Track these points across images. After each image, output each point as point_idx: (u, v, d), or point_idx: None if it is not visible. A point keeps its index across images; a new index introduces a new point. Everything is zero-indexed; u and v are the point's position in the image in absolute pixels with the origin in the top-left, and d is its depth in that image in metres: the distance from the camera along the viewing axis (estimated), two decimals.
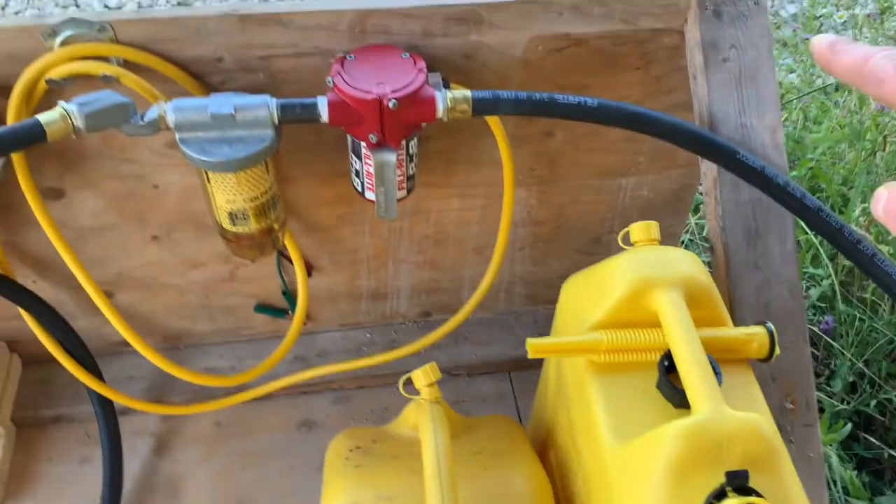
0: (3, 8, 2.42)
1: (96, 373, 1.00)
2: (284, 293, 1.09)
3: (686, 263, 0.72)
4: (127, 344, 1.12)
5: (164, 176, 0.91)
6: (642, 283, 0.70)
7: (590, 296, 0.75)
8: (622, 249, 0.81)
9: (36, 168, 0.85)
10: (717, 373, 0.66)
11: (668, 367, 0.69)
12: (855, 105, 1.53)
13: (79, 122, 0.69)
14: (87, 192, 0.91)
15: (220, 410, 1.10)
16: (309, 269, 1.07)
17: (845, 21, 2.24)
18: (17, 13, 2.40)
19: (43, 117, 0.68)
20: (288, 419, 1.11)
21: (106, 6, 2.43)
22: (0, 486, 1.02)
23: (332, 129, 0.86)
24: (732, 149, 0.79)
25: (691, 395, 0.63)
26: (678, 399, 0.69)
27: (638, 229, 0.75)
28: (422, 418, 0.74)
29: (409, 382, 0.79)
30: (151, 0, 2.44)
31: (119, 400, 1.01)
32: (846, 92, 1.60)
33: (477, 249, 1.08)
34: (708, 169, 0.84)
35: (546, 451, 0.88)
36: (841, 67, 0.36)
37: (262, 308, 1.11)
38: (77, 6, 2.42)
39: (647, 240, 0.75)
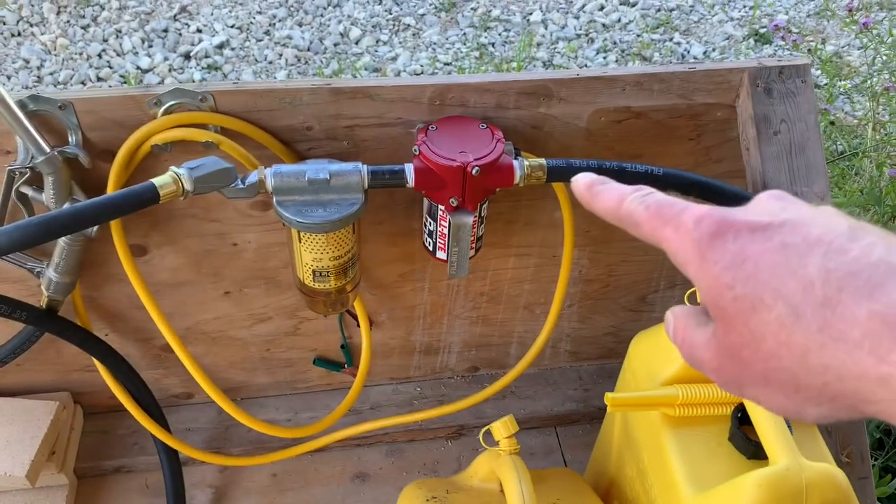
0: (38, 69, 2.50)
1: (163, 423, 1.03)
2: (343, 347, 1.13)
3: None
4: (186, 396, 1.16)
5: (243, 235, 0.96)
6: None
7: (661, 352, 0.80)
8: (666, 308, 0.86)
9: (125, 226, 0.90)
10: (788, 425, 0.71)
11: (740, 420, 0.74)
12: (874, 171, 1.61)
13: (188, 185, 0.75)
14: (169, 249, 0.95)
15: (277, 462, 1.13)
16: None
17: (847, 92, 2.34)
18: (52, 73, 2.48)
19: (157, 181, 0.73)
20: (342, 471, 1.14)
21: (138, 67, 2.51)
22: None
23: (402, 190, 0.92)
24: None
25: (769, 446, 0.67)
26: (751, 450, 0.73)
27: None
28: (504, 468, 0.77)
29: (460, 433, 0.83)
30: (182, 63, 2.53)
31: (183, 450, 1.04)
32: (864, 159, 1.68)
33: (527, 306, 1.13)
34: None
35: (610, 502, 0.92)
36: (601, 211, 0.37)
37: (321, 361, 1.15)
38: (110, 68, 2.51)
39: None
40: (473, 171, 0.80)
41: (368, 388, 1.20)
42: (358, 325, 1.08)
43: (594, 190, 0.38)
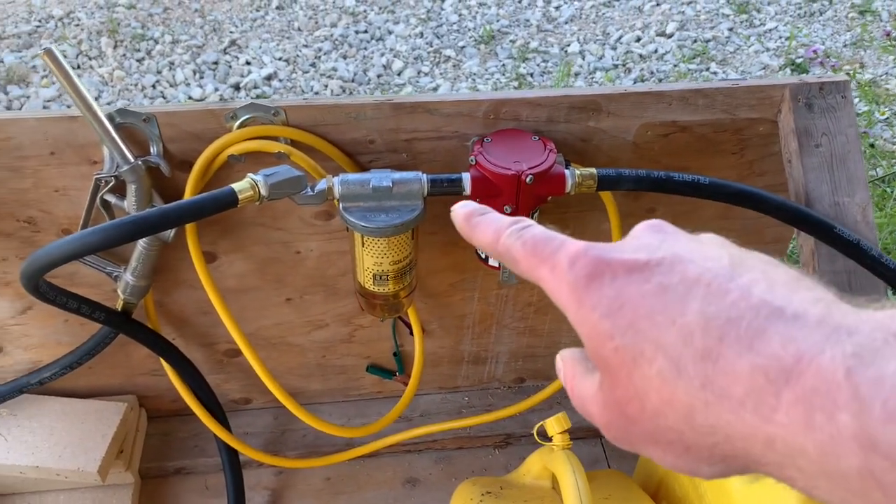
0: (96, 99, 2.62)
1: (226, 426, 1.08)
2: (395, 355, 1.17)
3: None
4: (244, 401, 1.20)
5: (306, 243, 1.01)
6: None
7: None
8: None
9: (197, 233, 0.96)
10: None
11: None
12: None
13: (263, 191, 0.80)
14: (237, 256, 1.01)
15: (330, 467, 1.17)
16: (413, 331, 1.15)
17: (888, 118, 2.36)
18: (109, 103, 2.59)
19: (236, 186, 0.79)
20: (393, 476, 1.17)
21: (190, 97, 2.62)
22: None
23: (457, 201, 0.97)
24: (830, 224, 0.88)
25: None
26: None
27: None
28: (558, 463, 0.81)
29: (507, 442, 0.86)
30: (232, 94, 2.63)
31: (245, 451, 1.08)
32: None
33: None
34: (805, 242, 0.92)
35: (659, 502, 0.94)
36: (480, 245, 0.35)
37: (374, 369, 1.19)
38: (164, 98, 2.62)
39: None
40: (527, 180, 0.85)
41: (418, 397, 1.24)
42: (411, 334, 1.12)
43: (472, 221, 0.35)
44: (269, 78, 2.72)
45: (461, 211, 0.36)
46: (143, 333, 0.99)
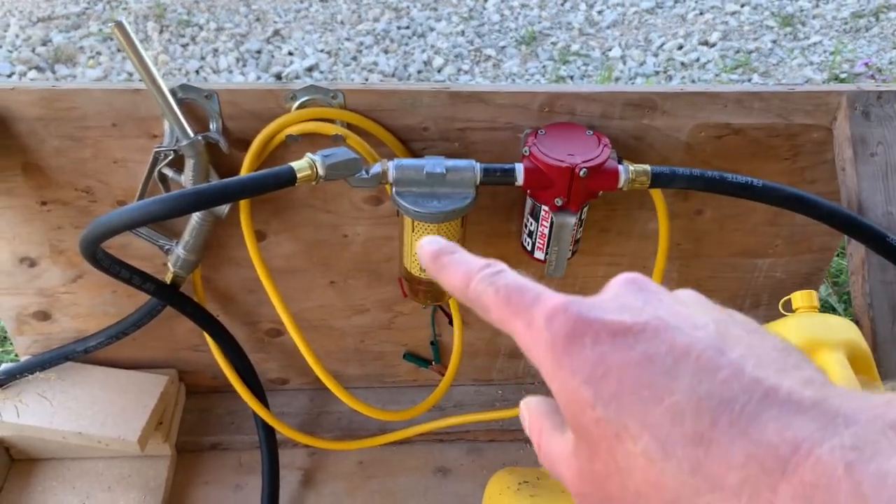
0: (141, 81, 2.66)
1: (265, 404, 1.09)
2: (433, 343, 1.18)
3: (848, 329, 0.79)
4: (281, 382, 1.22)
5: (354, 227, 1.02)
6: (811, 344, 0.77)
7: None
8: None
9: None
10: None
11: None
12: None
13: (321, 171, 0.81)
14: (286, 237, 1.02)
15: (363, 451, 1.18)
16: (452, 321, 1.16)
17: None
18: None
19: (295, 164, 0.80)
20: (424, 464, 1.18)
21: None
22: None
23: (504, 193, 0.98)
24: (882, 233, 0.87)
25: None
26: None
27: (801, 297, 0.83)
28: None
29: None
30: (274, 83, 2.66)
31: (282, 430, 1.10)
32: None
33: None
34: (855, 250, 0.92)
35: None
36: (448, 286, 0.32)
37: (410, 356, 1.20)
38: None
39: (809, 307, 0.83)
40: (581, 173, 0.85)
41: (452, 388, 1.24)
42: (450, 324, 1.13)
43: (440, 262, 0.32)
44: (310, 69, 2.74)
45: (429, 248, 0.33)
46: (190, 307, 1.00)
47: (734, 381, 0.23)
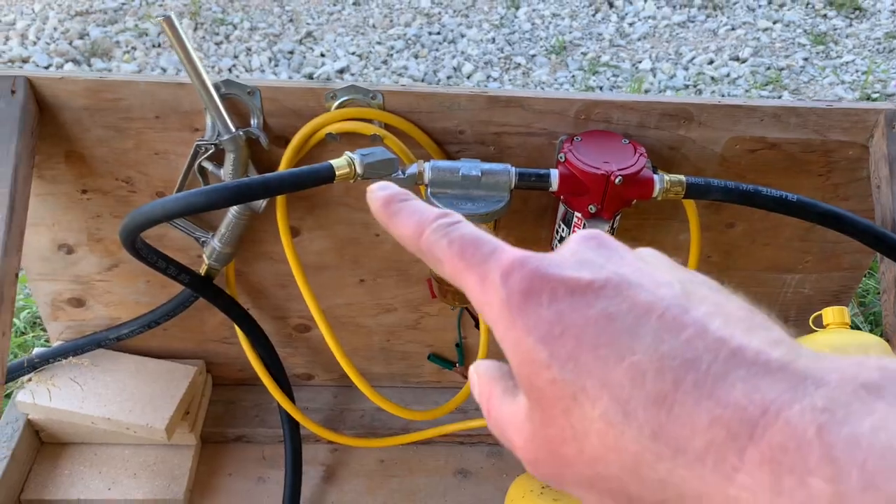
0: None
1: (291, 398, 1.10)
2: (458, 346, 1.19)
3: (879, 346, 0.79)
4: (307, 377, 1.23)
5: None
6: None
7: None
8: None
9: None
10: None
11: None
12: None
13: (359, 169, 0.82)
14: (319, 234, 1.04)
15: (385, 449, 1.19)
16: (478, 324, 1.17)
17: None
18: None
19: (334, 162, 0.81)
20: (445, 465, 1.19)
21: None
22: (184, 493, 1.11)
23: (536, 199, 0.98)
24: None
25: None
26: None
27: (832, 313, 0.83)
28: None
29: None
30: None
31: (307, 425, 1.11)
32: None
33: None
34: (888, 269, 0.92)
35: None
36: (399, 236, 0.30)
37: (435, 358, 1.21)
38: None
39: (841, 323, 0.83)
40: (616, 181, 0.86)
41: None
42: (476, 327, 1.14)
43: (391, 208, 0.30)
44: (341, 71, 2.77)
45: (380, 194, 0.30)
46: (222, 300, 1.02)
47: (698, 340, 0.22)
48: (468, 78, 2.76)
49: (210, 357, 1.20)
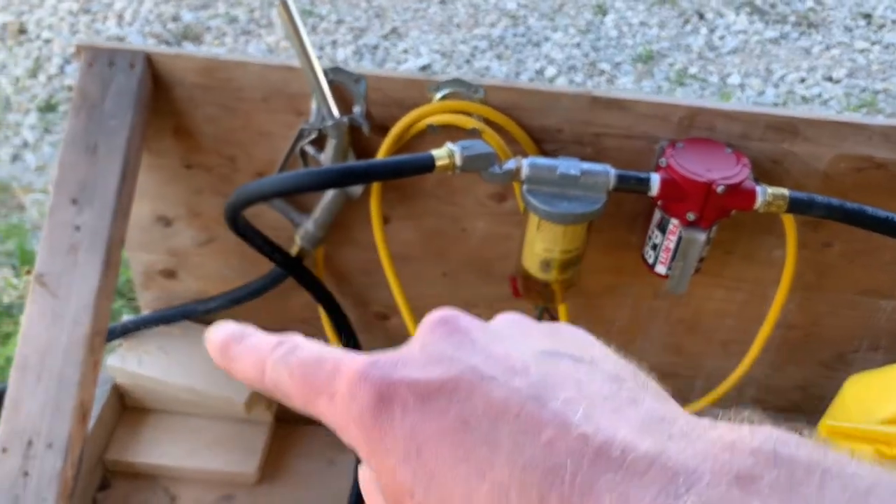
0: None
1: None
2: None
3: None
4: None
5: (474, 221, 1.04)
6: None
7: (880, 392, 0.80)
8: (862, 369, 0.88)
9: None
10: None
11: None
12: None
13: (458, 161, 0.83)
14: (408, 224, 1.05)
15: None
16: None
17: None
18: None
19: (435, 152, 0.82)
20: None
21: None
22: (257, 468, 1.14)
23: (629, 203, 0.97)
24: None
25: None
26: None
27: None
28: None
29: None
30: None
31: None
32: None
33: (724, 343, 1.14)
34: None
35: None
36: (243, 381, 0.27)
37: None
38: None
39: None
40: (719, 189, 0.84)
41: None
42: None
43: (229, 354, 0.27)
44: (423, 68, 2.79)
45: (215, 338, 0.27)
46: (311, 281, 1.04)
47: (559, 441, 0.20)
48: (550, 82, 2.74)
49: None
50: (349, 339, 1.10)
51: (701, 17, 3.12)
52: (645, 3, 3.16)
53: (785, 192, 0.85)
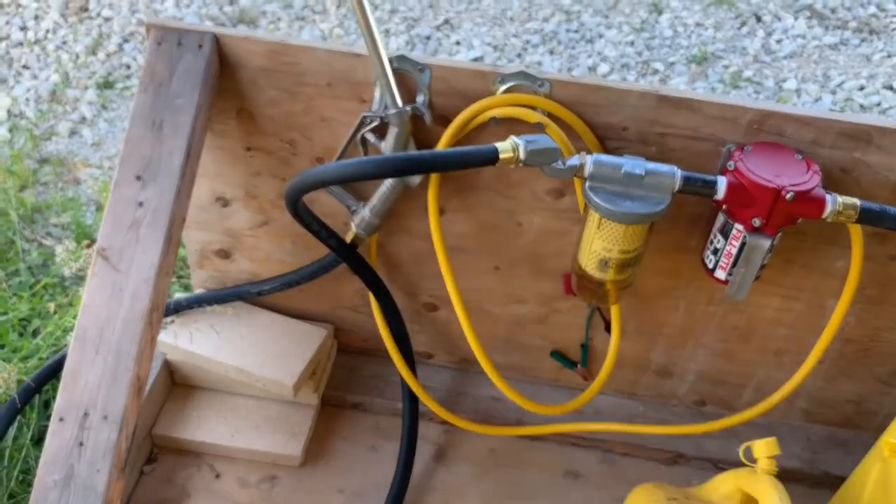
0: None
1: (414, 373, 1.12)
2: (583, 346, 1.17)
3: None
4: (427, 356, 1.25)
5: (530, 216, 1.03)
6: None
7: None
8: None
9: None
10: None
11: None
12: None
13: (522, 155, 0.82)
14: (463, 216, 1.04)
15: (498, 438, 1.19)
16: (608, 327, 1.14)
17: None
18: None
19: (499, 145, 0.82)
20: (555, 464, 1.18)
21: None
22: (301, 451, 1.15)
23: (690, 205, 0.96)
24: None
25: None
26: None
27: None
28: (764, 487, 0.78)
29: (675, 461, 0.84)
30: None
31: (426, 402, 1.12)
32: None
33: (777, 352, 1.12)
34: None
35: None
36: None
37: (558, 355, 1.20)
38: None
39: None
40: (787, 196, 0.82)
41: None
42: (606, 330, 1.12)
43: None
44: (475, 60, 2.78)
45: None
46: (364, 268, 1.04)
47: None
48: (603, 79, 2.71)
49: (339, 323, 1.23)
50: (398, 329, 1.10)
51: (758, 19, 3.05)
52: (701, 4, 3.11)
53: (856, 201, 0.83)
